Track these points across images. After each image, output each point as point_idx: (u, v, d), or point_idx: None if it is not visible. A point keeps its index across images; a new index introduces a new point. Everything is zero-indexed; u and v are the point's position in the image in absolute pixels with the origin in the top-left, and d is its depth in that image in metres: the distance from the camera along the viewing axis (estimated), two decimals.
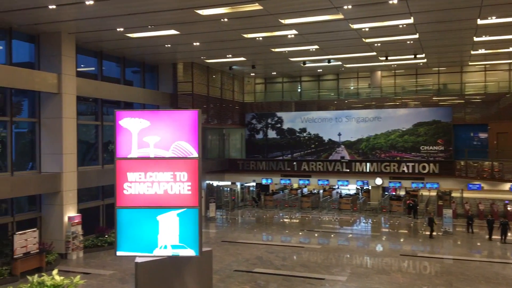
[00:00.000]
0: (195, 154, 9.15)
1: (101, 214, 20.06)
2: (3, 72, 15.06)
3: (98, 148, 20.24)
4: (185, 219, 9.22)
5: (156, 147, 9.34)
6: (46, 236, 16.86)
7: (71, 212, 17.22)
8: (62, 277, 8.46)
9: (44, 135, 17.13)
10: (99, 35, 17.49)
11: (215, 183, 29.94)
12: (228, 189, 29.34)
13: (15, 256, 14.56)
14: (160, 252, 9.38)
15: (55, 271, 8.66)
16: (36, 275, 8.50)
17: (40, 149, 17.18)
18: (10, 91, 16.05)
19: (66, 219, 16.99)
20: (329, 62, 24.64)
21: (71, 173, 17.27)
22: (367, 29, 17.41)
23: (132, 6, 13.78)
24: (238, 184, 30.63)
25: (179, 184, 9.22)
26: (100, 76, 20.30)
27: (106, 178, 19.42)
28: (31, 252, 15.09)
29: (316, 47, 20.64)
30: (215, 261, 14.29)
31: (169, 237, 9.30)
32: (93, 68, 20.36)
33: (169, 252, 9.35)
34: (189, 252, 9.31)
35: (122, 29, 16.56)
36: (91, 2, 13.13)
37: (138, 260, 9.51)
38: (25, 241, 14.98)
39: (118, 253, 9.48)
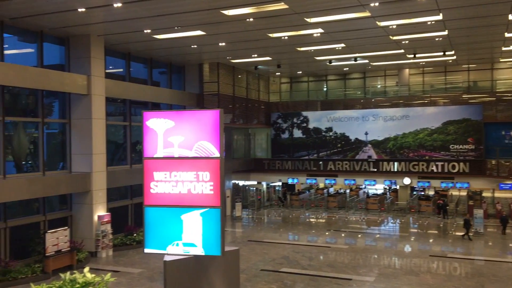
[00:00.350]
0: (217, 154, 9.15)
1: (130, 213, 20.38)
2: (35, 74, 15.48)
3: (127, 148, 20.56)
4: (208, 219, 9.25)
5: (180, 147, 9.41)
6: (77, 234, 17.22)
7: (100, 211, 17.55)
8: (93, 275, 8.64)
9: (74, 136, 17.51)
10: (127, 37, 17.76)
11: (241, 183, 30.03)
12: (254, 188, 29.38)
13: (47, 254, 14.92)
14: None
15: (86, 269, 8.84)
16: (68, 273, 8.70)
17: (71, 150, 17.57)
18: (42, 92, 16.46)
19: (96, 218, 17.33)
20: (355, 60, 24.40)
21: (100, 172, 17.59)
22: (394, 27, 17.16)
23: (159, 8, 13.95)
24: (264, 183, 30.64)
25: (202, 184, 9.25)
26: (128, 77, 20.62)
27: (134, 178, 19.72)
28: (62, 250, 15.45)
29: (343, 45, 20.46)
30: (242, 261, 14.32)
31: (193, 236, 9.36)
32: (121, 70, 20.70)
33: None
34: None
35: (149, 31, 16.77)
36: (119, 5, 13.35)
37: (166, 258, 9.62)
38: (56, 240, 15.34)
39: (146, 250, 9.66)
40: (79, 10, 13.87)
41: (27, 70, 15.31)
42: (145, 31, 16.75)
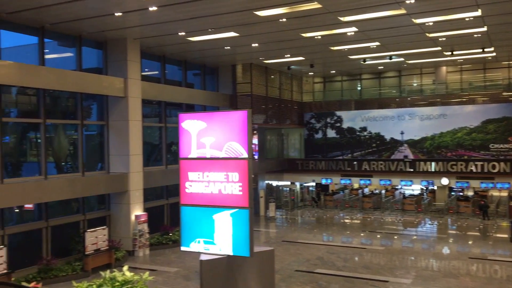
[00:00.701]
0: (245, 155, 9.20)
1: (166, 213, 20.70)
2: (75, 78, 15.95)
3: (162, 149, 20.90)
4: (237, 220, 9.33)
5: (212, 148, 9.56)
6: (115, 233, 17.61)
7: (137, 211, 17.90)
8: (132, 273, 8.81)
9: (112, 137, 17.93)
10: (162, 39, 18.06)
11: (275, 183, 30.02)
12: (288, 189, 29.31)
13: (86, 253, 15.33)
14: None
15: (125, 268, 9.02)
16: (108, 271, 8.90)
17: (108, 151, 18.00)
18: (81, 95, 16.94)
19: (133, 217, 17.69)
20: (390, 58, 23.99)
21: (137, 173, 17.95)
22: (431, 23, 16.78)
23: (193, 11, 14.12)
24: (298, 184, 30.53)
25: (231, 185, 9.34)
26: (163, 79, 20.97)
27: (169, 178, 20.03)
28: (101, 249, 15.83)
29: (377, 43, 20.17)
30: (276, 261, 14.27)
31: (223, 236, 9.46)
32: (156, 72, 21.06)
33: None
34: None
35: (183, 33, 17.00)
36: (155, 8, 13.60)
37: (202, 258, 9.75)
38: (95, 239, 15.74)
39: (182, 248, 9.87)
40: (116, 14, 14.21)
41: (67, 74, 15.79)
42: (179, 33, 16.98)
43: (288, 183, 30.22)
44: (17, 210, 15.42)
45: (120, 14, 14.19)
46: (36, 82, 14.60)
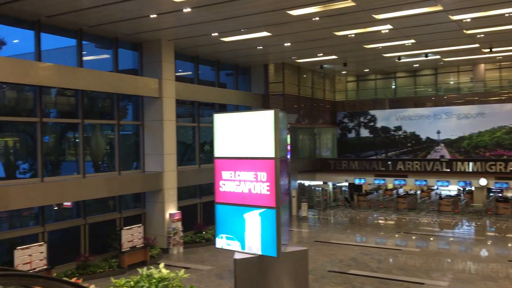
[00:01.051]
0: (273, 155, 9.22)
1: (199, 212, 20.92)
2: (111, 79, 16.33)
3: (195, 149, 21.13)
4: (265, 219, 9.36)
5: (243, 147, 9.62)
6: (150, 231, 17.94)
7: (171, 209, 18.17)
8: (168, 271, 8.98)
9: (147, 137, 18.26)
10: (196, 40, 18.26)
11: (307, 183, 29.88)
12: (320, 188, 29.12)
13: (122, 250, 15.68)
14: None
15: (161, 265, 9.20)
16: (145, 268, 9.10)
17: (144, 150, 18.34)
18: (117, 96, 17.32)
19: (167, 215, 17.96)
20: (426, 56, 23.50)
21: (171, 172, 18.22)
22: (468, 20, 16.35)
23: (227, 11, 14.23)
24: (330, 183, 30.29)
25: (260, 184, 9.37)
26: (196, 80, 21.20)
27: (202, 177, 20.24)
28: (137, 246, 16.15)
29: (412, 41, 19.79)
30: (309, 261, 14.23)
31: (253, 235, 9.51)
32: (190, 73, 21.31)
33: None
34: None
35: (216, 34, 17.14)
36: (189, 10, 13.78)
37: (236, 256, 9.82)
38: (131, 236, 16.08)
39: (217, 246, 9.99)
40: (151, 16, 14.47)
41: (104, 75, 16.19)
42: (212, 34, 17.14)
43: (321, 183, 30.02)
44: (56, 208, 15.91)
45: (155, 16, 14.45)
46: (75, 83, 15.02)
